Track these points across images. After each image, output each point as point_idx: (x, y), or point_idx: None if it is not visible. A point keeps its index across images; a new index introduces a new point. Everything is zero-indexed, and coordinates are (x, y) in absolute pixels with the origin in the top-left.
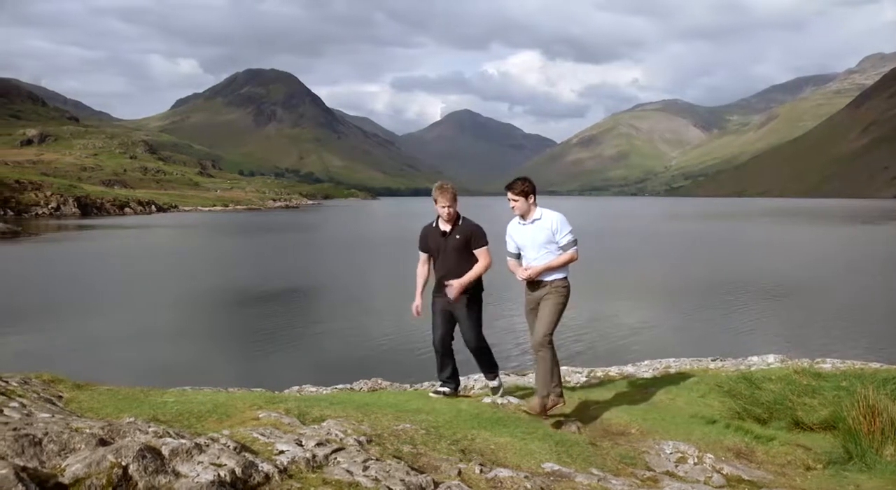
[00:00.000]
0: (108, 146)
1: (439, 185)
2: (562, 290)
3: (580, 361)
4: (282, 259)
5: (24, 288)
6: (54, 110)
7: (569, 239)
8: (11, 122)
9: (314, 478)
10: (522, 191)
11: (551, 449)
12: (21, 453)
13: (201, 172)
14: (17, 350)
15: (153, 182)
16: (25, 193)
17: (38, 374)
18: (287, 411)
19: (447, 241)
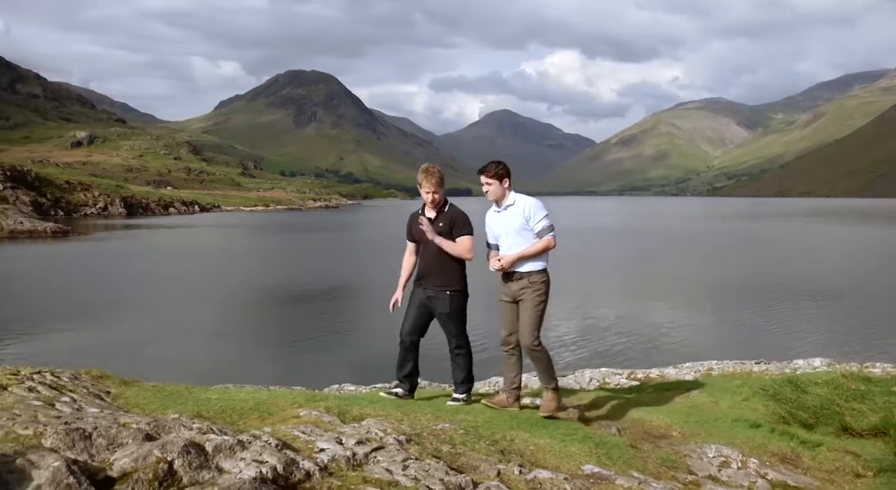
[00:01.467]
0: (154, 147)
1: (425, 169)
2: (539, 287)
3: (620, 363)
4: (322, 258)
5: (74, 286)
6: (102, 112)
7: (543, 224)
8: (62, 124)
9: (354, 476)
10: (496, 174)
11: (591, 451)
12: (72, 447)
13: (243, 173)
14: (67, 346)
15: (196, 182)
16: (75, 194)
17: (88, 369)
18: (327, 410)
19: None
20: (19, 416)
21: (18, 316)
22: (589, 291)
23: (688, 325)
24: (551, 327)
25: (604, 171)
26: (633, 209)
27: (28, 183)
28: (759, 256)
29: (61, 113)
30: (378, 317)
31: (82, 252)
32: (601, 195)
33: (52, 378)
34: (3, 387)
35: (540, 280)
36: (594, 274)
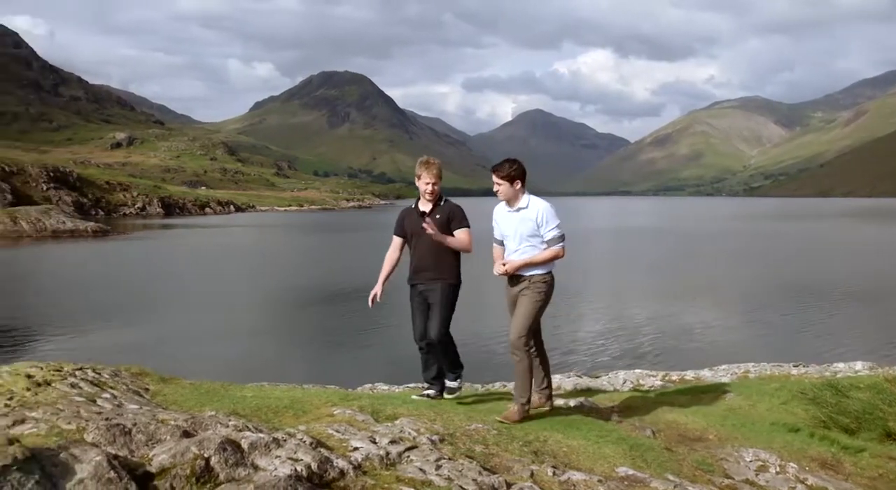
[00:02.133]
0: (190, 148)
1: (424, 160)
2: (540, 286)
3: (655, 365)
4: (355, 258)
5: (113, 284)
6: (141, 114)
7: (554, 234)
8: (103, 125)
9: (388, 475)
10: (508, 175)
11: (625, 453)
12: (113, 442)
13: (277, 173)
14: (107, 343)
15: (232, 183)
16: (114, 194)
17: (128, 367)
18: (361, 409)
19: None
20: (62, 412)
21: (61, 313)
22: (623, 292)
23: (724, 327)
24: (585, 328)
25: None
26: (668, 209)
27: (70, 183)
28: (798, 257)
29: (102, 115)
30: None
31: (122, 251)
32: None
33: (93, 375)
34: (47, 382)
35: (542, 281)
36: (628, 274)
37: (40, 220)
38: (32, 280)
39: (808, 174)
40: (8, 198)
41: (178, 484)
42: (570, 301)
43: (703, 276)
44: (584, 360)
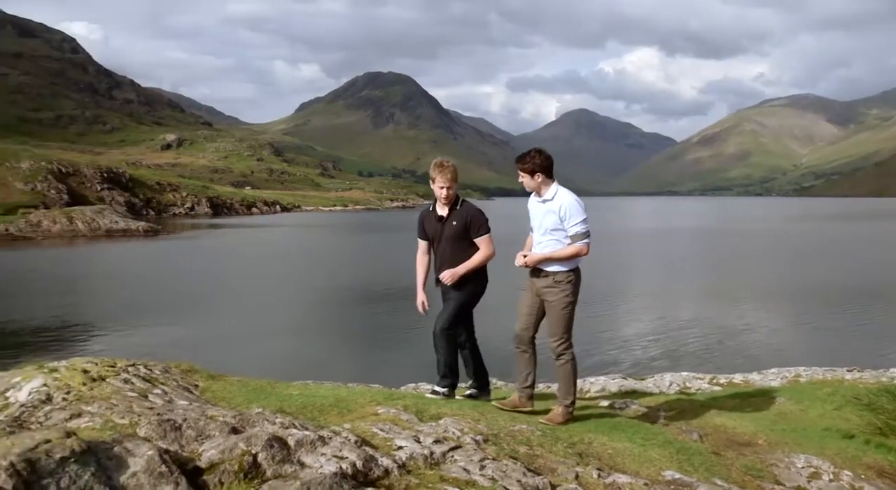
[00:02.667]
0: (238, 149)
1: (438, 163)
2: (566, 287)
3: (701, 367)
4: (399, 258)
5: (163, 283)
6: (190, 116)
7: (578, 230)
8: (154, 127)
9: (432, 475)
10: (530, 167)
11: (672, 456)
12: (164, 437)
13: (322, 173)
14: (157, 340)
15: (278, 183)
16: (165, 194)
17: (178, 363)
18: (405, 408)
19: (443, 228)
20: (116, 407)
21: (114, 310)
22: (669, 292)
23: (773, 329)
24: (630, 329)
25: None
26: (715, 209)
27: (123, 184)
28: (852, 258)
29: (153, 117)
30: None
31: (171, 250)
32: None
33: (145, 371)
34: (101, 378)
35: (566, 280)
36: (674, 274)
37: (94, 220)
38: (88, 278)
39: (862, 173)
40: (65, 198)
41: (227, 479)
42: (614, 301)
43: (752, 276)
44: (629, 362)
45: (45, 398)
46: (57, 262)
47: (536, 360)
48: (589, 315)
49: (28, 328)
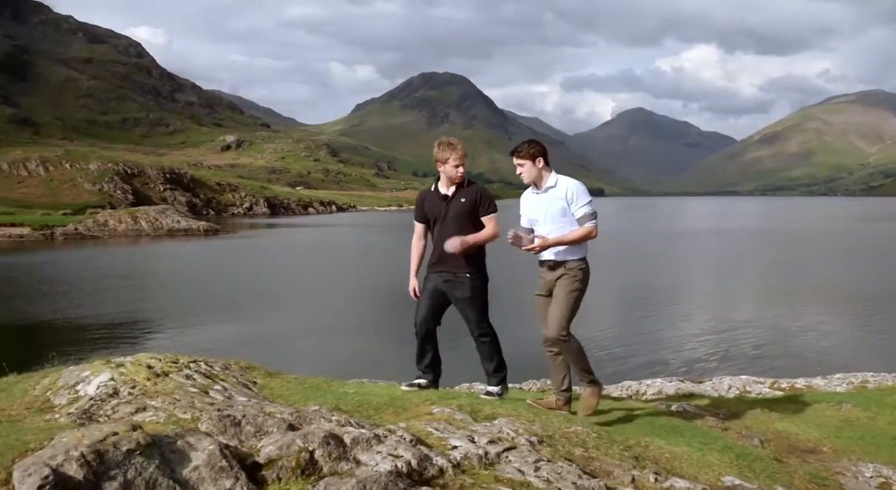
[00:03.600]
0: (295, 150)
1: (447, 142)
2: (577, 274)
3: (762, 371)
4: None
5: (222, 281)
6: (249, 117)
7: (585, 211)
8: (214, 129)
9: (486, 475)
10: (528, 153)
11: (731, 462)
12: (224, 432)
13: (377, 173)
14: (217, 337)
15: (334, 183)
16: (224, 194)
17: (237, 360)
18: (459, 407)
19: (448, 207)
20: (179, 402)
21: (176, 307)
22: (729, 294)
23: (839, 334)
24: (689, 330)
25: (744, 171)
26: (777, 210)
27: (184, 185)
28: None
29: (213, 119)
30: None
31: (231, 249)
32: (741, 195)
33: (205, 367)
34: (165, 373)
35: (577, 268)
36: (734, 276)
37: (157, 220)
38: (151, 276)
39: None
40: (130, 198)
41: (284, 475)
42: (672, 302)
43: (815, 278)
44: (686, 364)
45: (112, 392)
46: (122, 261)
47: (567, 362)
48: (646, 315)
49: (96, 324)
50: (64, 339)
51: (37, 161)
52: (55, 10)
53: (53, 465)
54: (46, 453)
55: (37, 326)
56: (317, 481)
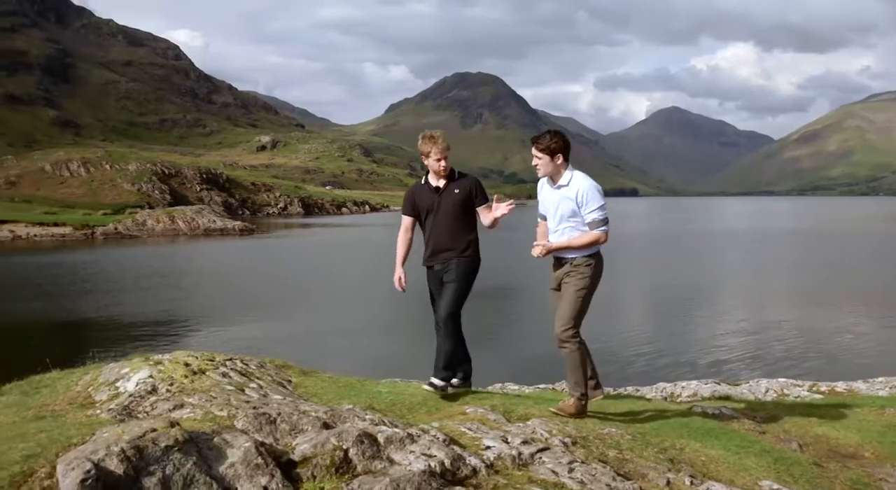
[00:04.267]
0: (329, 150)
1: (428, 135)
2: (584, 271)
3: (800, 374)
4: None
5: (256, 280)
6: (284, 118)
7: (595, 217)
8: (250, 130)
9: (520, 475)
10: (548, 147)
11: (769, 466)
12: (259, 429)
13: (410, 173)
14: (252, 335)
15: (367, 183)
16: (259, 194)
17: (272, 359)
18: (493, 408)
19: (441, 199)
20: (215, 399)
21: (211, 305)
22: (766, 296)
23: (881, 337)
24: (725, 332)
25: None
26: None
27: (220, 185)
28: None
29: (249, 119)
30: (543, 317)
31: (265, 249)
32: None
33: (241, 365)
34: (201, 371)
35: (585, 264)
36: (771, 277)
37: (194, 220)
38: (188, 275)
39: None
40: (167, 198)
41: (319, 473)
42: (708, 303)
43: (857, 280)
44: (723, 366)
45: (150, 389)
46: (160, 260)
47: (588, 350)
48: (680, 315)
49: (135, 321)
50: (104, 336)
51: (78, 162)
52: (97, 14)
53: (95, 460)
54: (88, 448)
55: (79, 323)
56: (351, 480)
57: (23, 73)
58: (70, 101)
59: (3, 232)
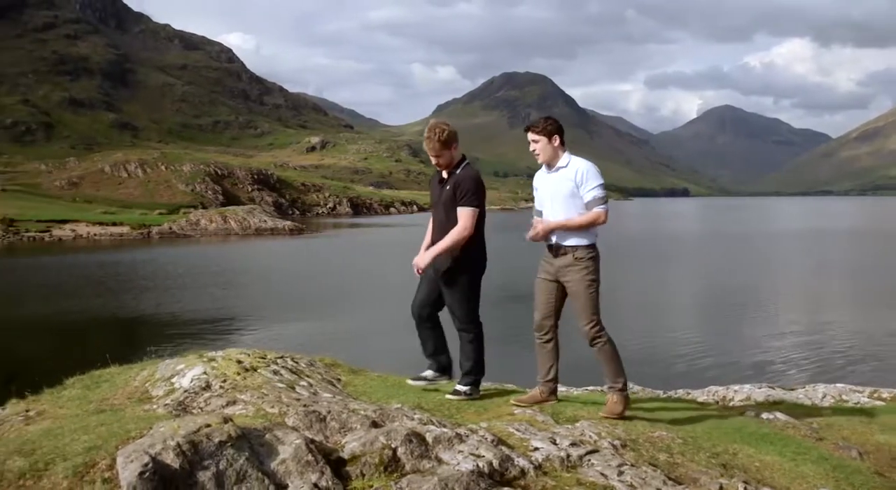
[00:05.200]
0: (377, 150)
1: (427, 129)
2: (588, 264)
3: (860, 380)
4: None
5: (306, 279)
6: (333, 119)
7: (595, 195)
8: (300, 131)
9: (568, 477)
10: (544, 129)
11: (827, 474)
12: (310, 427)
13: None
14: (302, 333)
15: (415, 183)
16: (309, 194)
17: (321, 357)
18: (541, 409)
19: (441, 192)
20: (267, 396)
21: (262, 303)
22: (823, 298)
23: None
24: (779, 334)
25: (840, 169)
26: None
27: (271, 185)
28: None
29: (299, 121)
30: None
31: (314, 248)
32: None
33: (292, 363)
34: (253, 368)
35: (588, 256)
36: (830, 279)
37: (245, 219)
38: (240, 274)
39: None
40: (220, 198)
41: (368, 471)
42: (763, 305)
43: None
44: (778, 370)
45: (204, 385)
46: (213, 259)
47: (559, 350)
48: (734, 317)
49: (189, 318)
50: (160, 332)
51: (136, 163)
52: (154, 20)
53: (152, 453)
54: (146, 442)
55: (137, 320)
56: (399, 478)
57: (85, 78)
58: (128, 104)
59: (66, 231)
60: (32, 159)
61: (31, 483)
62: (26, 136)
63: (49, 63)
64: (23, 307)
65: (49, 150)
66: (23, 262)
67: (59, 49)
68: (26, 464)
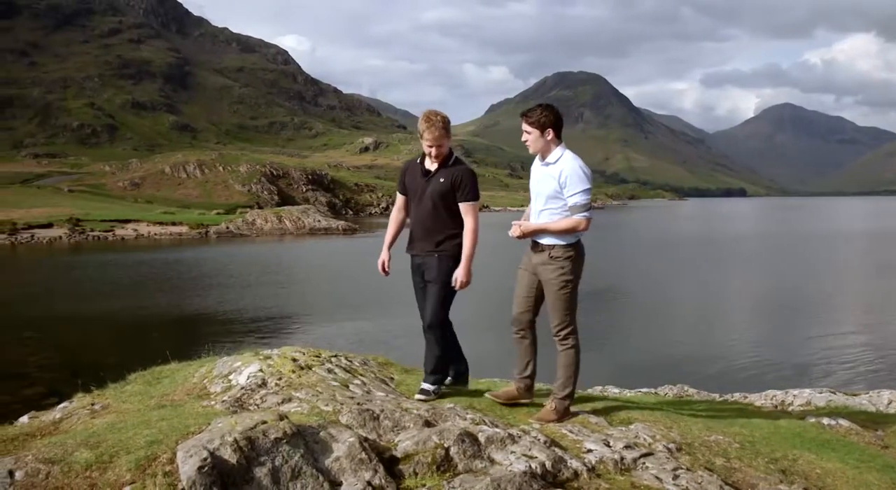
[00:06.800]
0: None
1: (426, 116)
2: (563, 264)
3: None
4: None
5: (359, 279)
6: (386, 119)
7: (578, 201)
8: (353, 131)
9: (622, 480)
10: (538, 121)
11: (893, 482)
12: (363, 425)
13: (511, 174)
14: (355, 332)
15: None
16: (362, 195)
17: (375, 356)
18: (594, 411)
19: (428, 184)
20: (321, 394)
21: (316, 302)
22: (889, 302)
23: None
24: (841, 338)
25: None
26: None
27: (324, 185)
28: None
29: (353, 121)
30: (647, 319)
31: (367, 248)
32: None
33: (346, 362)
34: (308, 367)
35: (564, 255)
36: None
37: (300, 219)
38: (295, 273)
39: None
40: (275, 199)
41: (421, 470)
42: (824, 308)
43: None
44: (840, 375)
45: (260, 383)
46: (269, 258)
47: (537, 346)
48: (794, 319)
49: (245, 316)
50: (218, 329)
51: (194, 164)
52: (213, 24)
53: (211, 449)
54: (205, 437)
55: (195, 317)
56: (452, 478)
57: (147, 81)
58: (188, 106)
59: (128, 231)
60: (97, 160)
61: (96, 474)
62: (91, 139)
63: (113, 67)
64: (89, 303)
65: (113, 152)
66: (89, 258)
67: (123, 53)
68: (92, 456)
